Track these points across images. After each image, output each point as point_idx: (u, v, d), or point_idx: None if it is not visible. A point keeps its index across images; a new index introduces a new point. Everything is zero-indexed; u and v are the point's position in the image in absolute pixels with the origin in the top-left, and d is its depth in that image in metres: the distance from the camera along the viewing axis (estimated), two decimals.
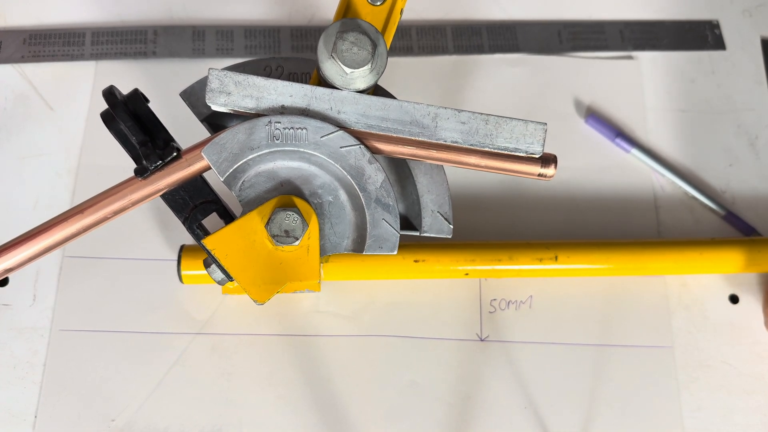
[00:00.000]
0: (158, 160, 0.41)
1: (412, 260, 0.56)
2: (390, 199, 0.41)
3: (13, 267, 0.42)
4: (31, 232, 0.42)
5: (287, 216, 0.39)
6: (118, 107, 0.40)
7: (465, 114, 0.41)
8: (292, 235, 0.39)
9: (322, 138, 0.40)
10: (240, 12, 0.65)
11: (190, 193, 0.43)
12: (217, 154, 0.40)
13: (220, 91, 0.39)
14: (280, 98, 0.40)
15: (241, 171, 0.40)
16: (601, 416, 0.55)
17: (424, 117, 0.40)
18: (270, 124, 0.40)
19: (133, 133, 0.41)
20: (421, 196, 0.44)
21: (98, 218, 0.42)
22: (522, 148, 0.41)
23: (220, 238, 0.40)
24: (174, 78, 0.62)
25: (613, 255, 0.57)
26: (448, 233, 0.44)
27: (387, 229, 0.41)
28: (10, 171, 0.59)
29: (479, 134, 0.41)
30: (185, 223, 0.43)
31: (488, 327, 0.57)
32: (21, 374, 0.54)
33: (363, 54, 0.40)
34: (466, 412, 0.55)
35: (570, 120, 0.64)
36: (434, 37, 0.66)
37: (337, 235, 0.42)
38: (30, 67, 0.62)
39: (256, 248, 0.40)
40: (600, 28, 0.67)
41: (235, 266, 0.40)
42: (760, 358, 0.58)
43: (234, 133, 0.40)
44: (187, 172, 0.42)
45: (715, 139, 0.65)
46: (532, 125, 0.41)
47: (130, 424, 0.53)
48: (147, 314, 0.56)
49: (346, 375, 0.55)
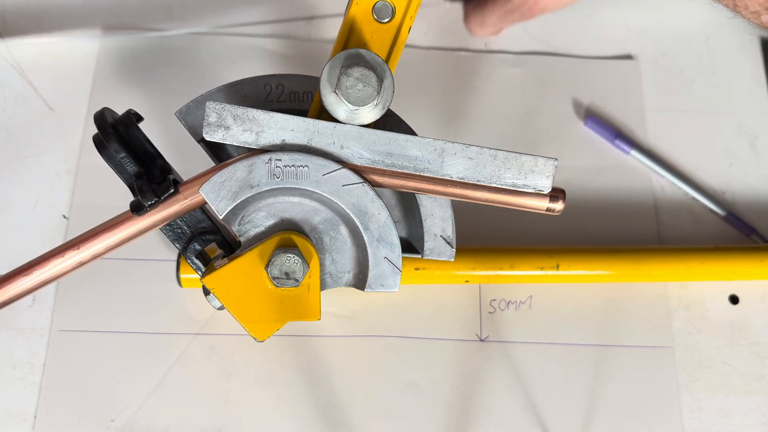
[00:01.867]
0: (154, 198, 0.39)
1: (413, 268, 0.55)
2: (393, 237, 0.40)
3: (5, 302, 0.41)
4: (25, 266, 0.41)
5: (288, 258, 0.38)
6: (110, 137, 0.38)
7: (473, 149, 0.39)
8: (292, 278, 0.38)
9: (324, 176, 0.38)
10: (240, 12, 0.66)
11: (188, 224, 0.42)
12: (216, 192, 0.38)
13: (218, 125, 0.38)
14: (280, 133, 0.38)
15: (241, 208, 0.39)
16: (601, 416, 0.55)
17: (431, 152, 0.39)
18: (270, 162, 0.38)
19: (126, 166, 0.39)
20: (425, 219, 0.43)
21: (93, 254, 0.41)
22: (530, 184, 0.40)
23: (220, 276, 0.39)
24: (175, 79, 0.62)
25: (615, 263, 0.57)
26: (450, 257, 0.43)
27: (389, 267, 0.40)
28: (9, 171, 0.59)
29: (487, 170, 0.39)
30: (183, 253, 0.42)
31: (488, 327, 0.57)
32: (20, 374, 0.54)
33: (368, 90, 0.38)
34: (466, 412, 0.55)
35: (569, 121, 0.64)
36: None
37: (338, 269, 0.42)
38: (30, 67, 0.62)
39: (256, 287, 0.39)
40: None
41: (235, 305, 0.39)
42: (760, 359, 0.58)
43: (233, 171, 0.38)
44: (185, 207, 0.40)
45: (715, 139, 0.65)
46: (542, 161, 0.39)
47: (130, 424, 0.53)
48: (147, 314, 0.56)
49: (346, 375, 0.55)
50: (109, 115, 0.39)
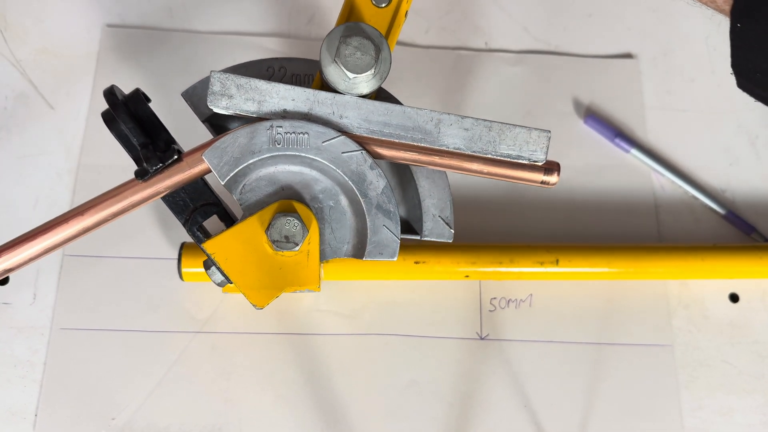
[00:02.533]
0: (159, 163, 0.40)
1: (413, 261, 0.56)
2: (391, 206, 0.40)
3: (12, 267, 0.42)
4: (30, 232, 0.42)
5: (287, 222, 0.39)
6: (119, 108, 0.40)
7: (468, 120, 0.40)
8: (292, 241, 0.39)
9: (324, 143, 0.39)
10: (239, 12, 0.66)
11: (191, 196, 0.43)
12: (218, 157, 0.39)
13: (222, 94, 0.39)
14: (282, 102, 0.40)
15: (242, 175, 0.40)
16: (601, 415, 0.55)
17: (427, 123, 0.40)
18: (272, 129, 0.39)
19: (133, 135, 0.41)
20: (423, 200, 0.43)
21: (98, 220, 0.42)
22: (525, 155, 0.40)
23: (220, 242, 0.40)
24: (176, 78, 0.62)
25: (614, 259, 0.57)
26: (448, 238, 0.43)
27: (387, 235, 0.41)
28: (10, 170, 0.59)
29: (482, 141, 0.40)
30: (185, 225, 0.43)
31: (488, 326, 0.57)
32: (21, 373, 0.54)
33: (366, 59, 0.39)
34: (466, 410, 0.55)
35: (569, 120, 0.64)
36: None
37: (338, 240, 0.42)
38: (31, 66, 0.62)
39: (256, 253, 0.40)
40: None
41: (235, 270, 0.40)
42: (759, 357, 0.58)
43: (235, 137, 0.39)
44: (188, 175, 0.41)
45: (715, 138, 0.65)
46: (535, 132, 0.40)
47: (131, 422, 0.53)
48: (147, 313, 0.56)
49: (346, 374, 0.55)
50: (117, 92, 0.41)
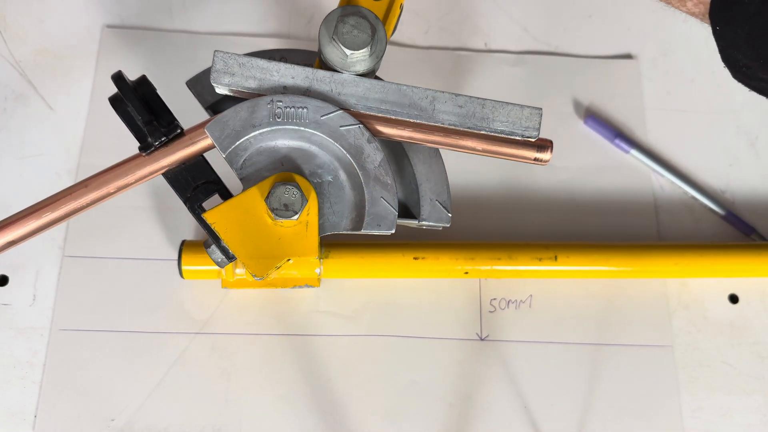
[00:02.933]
0: (162, 137, 0.42)
1: (412, 257, 0.56)
2: (388, 178, 0.41)
3: (16, 240, 0.43)
4: (35, 206, 0.43)
5: (287, 190, 0.40)
6: (126, 90, 0.42)
7: (462, 98, 0.42)
8: (291, 209, 0.40)
9: (323, 117, 0.41)
10: (239, 13, 0.66)
11: (193, 173, 0.44)
12: (220, 130, 0.41)
13: (225, 72, 0.41)
14: (282, 79, 0.41)
15: (243, 149, 0.41)
16: (601, 415, 0.55)
17: (422, 100, 0.41)
18: (272, 103, 0.41)
19: (139, 113, 0.42)
20: (420, 184, 0.44)
21: (102, 194, 0.43)
22: (518, 132, 0.42)
23: (221, 212, 0.41)
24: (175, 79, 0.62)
25: (613, 257, 0.57)
26: (446, 222, 0.44)
27: (385, 207, 0.41)
28: (9, 171, 0.59)
29: (476, 117, 0.42)
30: (187, 203, 0.44)
31: (488, 326, 0.57)
32: (21, 374, 0.54)
33: (363, 37, 0.41)
34: (465, 411, 0.55)
35: (569, 120, 0.64)
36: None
37: (336, 214, 0.43)
38: (31, 67, 0.62)
39: (256, 223, 0.41)
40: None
41: (235, 240, 0.41)
42: (759, 358, 0.58)
43: (236, 111, 0.41)
44: (190, 150, 0.43)
45: (714, 139, 0.65)
46: (528, 110, 0.42)
47: (130, 423, 0.53)
48: (147, 314, 0.56)
49: (345, 374, 0.55)
50: (125, 77, 0.43)
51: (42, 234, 0.43)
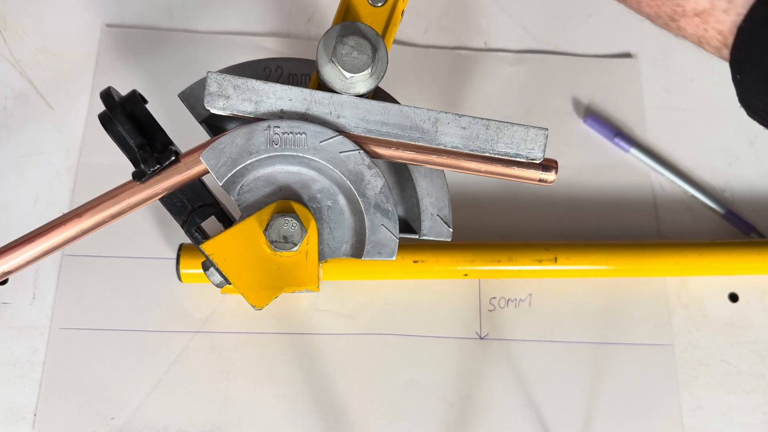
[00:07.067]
0: (156, 164, 0.40)
1: (411, 260, 0.56)
2: (389, 205, 0.40)
3: (11, 270, 0.42)
4: (29, 235, 0.42)
5: (286, 222, 0.39)
6: (116, 110, 0.40)
7: (465, 119, 0.40)
8: (290, 241, 0.39)
9: (321, 143, 0.39)
10: (239, 12, 0.66)
11: (189, 197, 0.43)
12: (216, 158, 0.39)
13: (219, 95, 0.39)
14: (279, 102, 0.40)
15: (240, 175, 0.40)
16: (601, 414, 0.55)
17: (425, 122, 0.40)
18: (269, 129, 0.39)
19: (130, 137, 0.40)
20: (421, 199, 0.43)
21: (96, 222, 0.42)
22: (523, 153, 0.40)
23: (219, 242, 0.40)
24: (175, 78, 0.62)
25: (612, 256, 0.57)
26: (447, 237, 0.43)
27: (386, 234, 0.41)
28: (9, 170, 0.59)
29: (480, 139, 0.40)
30: (183, 227, 0.43)
31: (488, 325, 0.57)
32: (20, 372, 0.54)
33: (363, 58, 0.39)
34: (465, 410, 0.55)
35: (568, 119, 0.64)
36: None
37: (336, 240, 0.42)
38: (30, 66, 0.62)
39: (255, 253, 0.40)
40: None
41: (234, 271, 0.40)
42: (759, 357, 0.58)
43: (232, 138, 0.39)
44: (186, 176, 0.41)
45: (714, 137, 0.65)
46: (533, 131, 0.40)
47: (130, 422, 0.53)
48: (146, 312, 0.56)
49: (345, 373, 0.55)
50: (114, 93, 0.41)
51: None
